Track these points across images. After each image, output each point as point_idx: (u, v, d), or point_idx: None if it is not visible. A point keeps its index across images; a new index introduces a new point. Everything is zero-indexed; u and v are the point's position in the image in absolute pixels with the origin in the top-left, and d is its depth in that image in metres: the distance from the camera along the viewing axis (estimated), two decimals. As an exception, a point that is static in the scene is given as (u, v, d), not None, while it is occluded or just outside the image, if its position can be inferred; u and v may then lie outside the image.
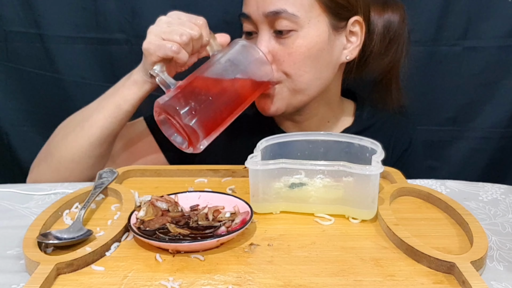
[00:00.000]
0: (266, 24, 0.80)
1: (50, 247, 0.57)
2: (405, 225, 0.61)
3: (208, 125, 0.71)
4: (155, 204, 0.64)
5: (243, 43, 0.80)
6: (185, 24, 0.75)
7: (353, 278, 0.53)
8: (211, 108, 0.72)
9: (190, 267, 0.54)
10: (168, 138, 0.73)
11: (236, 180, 0.77)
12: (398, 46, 0.90)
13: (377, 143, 0.68)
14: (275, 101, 0.84)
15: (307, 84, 0.82)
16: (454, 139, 1.15)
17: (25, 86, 1.13)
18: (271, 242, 0.60)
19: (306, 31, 0.79)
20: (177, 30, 0.74)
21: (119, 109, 0.81)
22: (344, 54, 0.85)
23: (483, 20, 1.05)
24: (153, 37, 0.75)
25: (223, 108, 0.74)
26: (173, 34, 0.74)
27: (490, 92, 1.11)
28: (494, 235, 0.63)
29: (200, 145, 0.72)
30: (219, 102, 0.74)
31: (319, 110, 0.90)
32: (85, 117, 0.83)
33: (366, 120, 0.94)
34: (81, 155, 0.82)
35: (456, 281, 0.52)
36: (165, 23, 0.76)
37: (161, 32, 0.75)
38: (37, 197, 0.72)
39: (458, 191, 0.75)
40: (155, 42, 0.74)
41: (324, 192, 0.66)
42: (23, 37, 1.09)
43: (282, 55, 0.80)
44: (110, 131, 0.82)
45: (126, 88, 0.81)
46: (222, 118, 0.74)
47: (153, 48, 0.74)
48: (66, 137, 0.84)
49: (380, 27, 0.87)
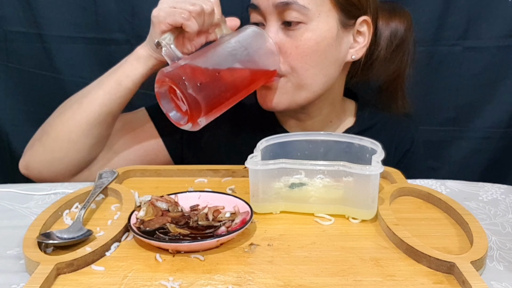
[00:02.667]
0: (275, 15, 0.79)
1: (50, 247, 0.57)
2: (405, 225, 0.61)
3: (211, 101, 0.71)
4: (155, 204, 0.64)
5: (254, 29, 0.80)
6: None
7: (353, 278, 0.53)
8: (216, 85, 0.71)
9: (190, 267, 0.54)
10: (166, 114, 0.72)
11: (236, 180, 0.77)
12: (404, 54, 0.90)
13: (377, 143, 0.68)
14: (277, 95, 0.82)
15: (312, 80, 0.81)
16: (454, 139, 1.15)
17: (25, 86, 1.13)
18: (271, 242, 0.60)
19: (316, 25, 0.79)
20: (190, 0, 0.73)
21: (119, 86, 0.79)
22: (350, 53, 0.85)
23: (483, 20, 1.06)
24: (164, 4, 0.74)
25: (228, 87, 0.73)
26: (185, 3, 0.73)
27: (490, 92, 1.11)
28: (494, 235, 0.63)
29: (200, 119, 0.71)
30: (224, 80, 0.73)
31: (323, 110, 0.90)
32: (84, 93, 0.81)
33: (367, 120, 0.94)
34: (78, 133, 0.80)
35: (456, 281, 0.52)
36: None
37: (173, 0, 0.74)
38: (37, 197, 0.72)
39: (458, 191, 0.75)
40: (166, 9, 0.73)
41: (324, 192, 0.66)
42: (23, 37, 1.09)
43: (290, 47, 0.79)
44: (109, 109, 0.80)
45: (128, 64, 0.79)
46: (225, 98, 0.73)
47: (163, 15, 0.73)
48: (63, 114, 0.82)
49: (387, 34, 0.87)
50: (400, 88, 0.94)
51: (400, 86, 0.94)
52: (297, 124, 0.92)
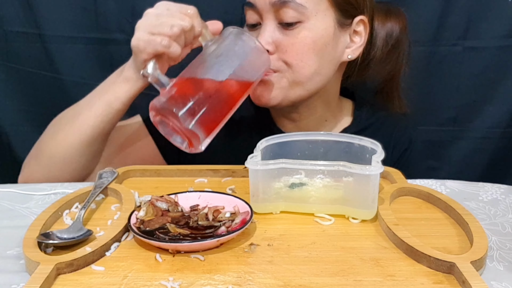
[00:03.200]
0: (272, 13, 0.79)
1: (50, 247, 0.57)
2: (405, 225, 0.61)
3: (208, 125, 0.70)
4: (155, 204, 0.64)
5: (237, 32, 0.76)
6: (175, 15, 0.71)
7: (353, 278, 0.53)
8: (210, 107, 0.69)
9: (190, 267, 0.54)
10: (167, 138, 0.72)
11: (236, 180, 0.77)
12: (399, 54, 0.90)
13: (377, 143, 0.68)
14: (271, 90, 0.82)
15: (307, 77, 0.81)
16: (454, 139, 1.15)
17: (25, 86, 1.13)
18: (271, 242, 0.60)
19: (313, 23, 0.79)
20: (167, 22, 0.70)
21: (110, 108, 0.78)
22: (347, 52, 0.85)
23: (483, 20, 1.06)
24: (142, 32, 0.71)
25: (222, 105, 0.72)
26: (163, 27, 0.70)
27: (490, 92, 1.11)
28: (494, 235, 0.63)
29: (201, 145, 0.70)
30: (217, 99, 0.71)
31: (317, 110, 0.90)
32: (75, 114, 0.81)
33: (365, 120, 0.94)
34: (72, 153, 0.80)
35: (456, 281, 0.52)
36: (154, 16, 0.72)
37: (149, 26, 0.71)
38: (37, 197, 0.72)
39: (458, 191, 0.75)
40: (144, 38, 0.71)
41: (324, 192, 0.66)
42: (23, 37, 1.09)
43: (286, 44, 0.79)
44: (101, 130, 0.79)
45: (117, 86, 0.78)
46: (222, 115, 0.72)
47: (143, 45, 0.71)
48: (56, 135, 0.82)
49: (382, 34, 0.88)
50: (395, 88, 0.94)
51: (396, 87, 0.94)
52: (292, 124, 0.92)
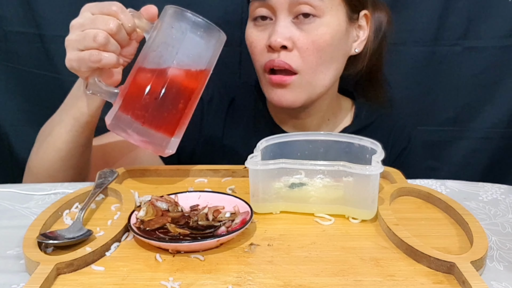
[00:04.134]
0: (287, 9, 0.78)
1: (50, 247, 0.57)
2: (405, 225, 0.61)
3: (167, 127, 0.66)
4: (155, 204, 0.64)
5: (171, 12, 0.67)
6: (97, 20, 0.66)
7: (353, 278, 0.53)
8: (162, 109, 0.65)
9: (190, 267, 0.54)
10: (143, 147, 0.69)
11: (236, 180, 0.77)
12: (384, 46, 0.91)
13: (377, 143, 0.68)
14: (294, 93, 0.82)
15: (324, 74, 0.81)
16: (454, 139, 1.16)
17: (25, 86, 1.13)
18: (271, 242, 0.60)
19: (329, 19, 0.79)
20: (89, 33, 0.65)
21: (78, 122, 0.76)
22: (354, 47, 0.85)
23: (483, 20, 1.06)
24: (70, 51, 0.67)
25: (176, 101, 0.66)
26: (87, 40, 0.65)
27: (490, 92, 1.11)
28: (494, 235, 0.63)
29: (168, 149, 0.67)
30: (169, 97, 0.66)
31: (322, 107, 0.90)
32: (50, 131, 0.80)
33: (364, 119, 0.94)
34: (55, 169, 0.79)
35: (456, 281, 0.52)
36: (78, 28, 0.67)
37: (75, 42, 0.67)
38: (37, 197, 0.72)
39: (458, 191, 0.75)
40: (74, 57, 0.67)
41: (324, 192, 0.66)
42: (23, 37, 1.09)
43: (306, 42, 0.78)
44: (75, 144, 0.78)
45: (80, 100, 0.75)
46: (179, 112, 0.67)
47: (76, 65, 0.67)
48: (38, 151, 0.82)
49: (373, 27, 0.88)
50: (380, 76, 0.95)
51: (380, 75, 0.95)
52: (294, 123, 0.92)
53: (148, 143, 0.67)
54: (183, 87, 0.67)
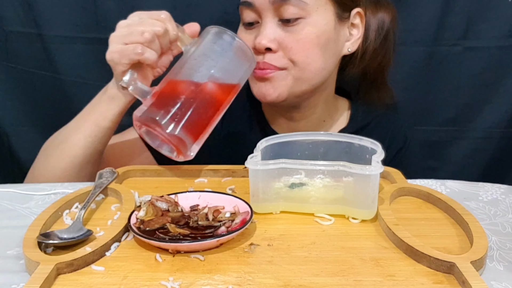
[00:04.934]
0: (272, 11, 0.78)
1: (50, 247, 0.57)
2: (405, 225, 0.61)
3: (193, 130, 0.68)
4: (155, 204, 0.64)
5: (215, 31, 0.74)
6: (145, 22, 0.71)
7: (353, 278, 0.53)
8: (193, 111, 0.68)
9: (190, 267, 0.54)
10: (157, 149, 0.70)
11: (236, 180, 0.77)
12: (389, 45, 0.90)
13: (377, 143, 0.68)
14: (277, 87, 0.81)
15: (313, 73, 0.81)
16: (454, 139, 1.16)
17: (25, 86, 1.13)
18: (271, 242, 0.60)
19: (315, 19, 0.78)
20: (137, 29, 0.70)
21: (98, 127, 0.77)
22: (346, 46, 0.85)
23: (483, 20, 1.06)
24: (114, 44, 0.71)
25: (206, 108, 0.70)
26: (134, 35, 0.69)
27: (490, 92, 1.11)
28: (494, 235, 0.63)
29: (190, 151, 0.69)
30: (200, 102, 0.69)
31: (317, 109, 0.90)
32: (64, 138, 0.80)
33: (361, 120, 0.94)
34: (66, 177, 0.78)
35: (456, 281, 0.52)
36: (125, 27, 0.71)
37: (121, 37, 0.70)
38: (37, 197, 0.72)
39: (458, 191, 0.75)
40: (117, 49, 0.70)
41: (324, 192, 0.66)
42: (23, 37, 1.09)
43: (290, 41, 0.79)
44: (92, 150, 0.78)
45: (103, 105, 0.77)
46: (207, 119, 0.70)
47: (117, 56, 0.70)
48: (47, 160, 0.81)
49: (374, 25, 0.88)
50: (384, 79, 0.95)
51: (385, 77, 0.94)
52: (288, 124, 0.92)
53: (171, 143, 0.67)
54: (216, 97, 0.71)
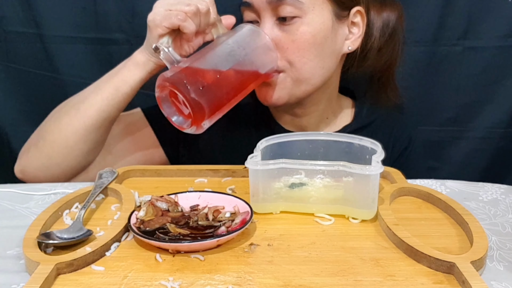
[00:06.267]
0: (269, 11, 0.79)
1: (50, 247, 0.57)
2: (405, 225, 0.61)
3: (213, 104, 0.70)
4: (155, 204, 0.64)
5: (250, 27, 0.79)
6: None
7: (353, 278, 0.53)
8: (218, 87, 0.71)
9: (190, 267, 0.54)
10: (168, 118, 0.71)
11: (236, 180, 0.77)
12: (395, 43, 0.90)
13: (377, 143, 0.68)
14: (277, 90, 0.82)
15: (310, 73, 0.82)
16: (454, 139, 1.15)
17: (25, 86, 1.13)
18: (271, 242, 0.60)
19: (311, 18, 0.79)
20: (184, 1, 0.73)
21: (117, 91, 0.78)
22: (346, 44, 0.85)
23: (483, 20, 1.06)
24: (159, 8, 0.74)
25: (229, 89, 0.73)
26: (180, 4, 0.73)
27: (490, 92, 1.11)
28: (494, 235, 0.63)
29: (204, 123, 0.70)
30: (225, 82, 0.73)
31: (319, 106, 0.90)
32: (81, 99, 0.81)
33: (365, 118, 0.94)
34: (76, 139, 0.79)
35: (456, 281, 0.52)
36: None
37: (167, 3, 0.73)
38: (37, 197, 0.72)
39: (458, 191, 0.75)
40: (161, 13, 0.73)
41: (324, 192, 0.66)
42: (23, 37, 1.09)
43: (286, 42, 0.79)
44: (107, 114, 0.79)
45: (126, 69, 0.78)
46: (227, 99, 0.73)
47: (159, 19, 0.73)
48: (59, 120, 0.81)
49: (379, 24, 0.88)
50: (391, 78, 0.94)
51: (392, 76, 0.94)
52: (293, 120, 0.92)
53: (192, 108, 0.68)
54: (240, 81, 0.75)
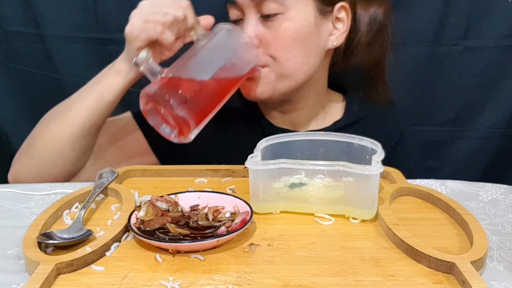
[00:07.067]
0: (253, 8, 0.80)
1: (50, 247, 0.57)
2: (405, 225, 0.61)
3: (198, 114, 0.70)
4: (155, 204, 0.64)
5: (228, 27, 0.79)
6: (168, 5, 0.73)
7: (353, 278, 0.53)
8: (201, 97, 0.71)
9: (190, 267, 0.54)
10: (155, 128, 0.71)
11: (236, 180, 0.77)
12: (383, 39, 0.90)
13: (377, 143, 0.68)
14: (260, 85, 0.83)
15: (294, 69, 0.82)
16: (454, 139, 1.16)
17: (25, 86, 1.13)
18: (271, 242, 0.60)
19: (294, 14, 0.79)
20: (160, 10, 0.72)
21: (101, 100, 0.78)
22: (331, 40, 0.85)
23: (483, 20, 1.06)
24: (136, 20, 0.73)
25: (213, 95, 0.73)
26: (157, 15, 0.72)
27: (490, 92, 1.11)
28: (494, 235, 0.63)
29: (191, 134, 0.70)
30: (208, 89, 0.72)
31: (308, 102, 0.90)
32: (67, 107, 0.81)
33: (356, 113, 0.93)
34: (64, 147, 0.80)
35: (456, 281, 0.52)
36: (148, 6, 0.74)
37: (144, 14, 0.73)
38: (37, 197, 0.72)
39: (458, 191, 0.75)
40: (138, 25, 0.72)
41: (324, 192, 0.66)
42: (23, 37, 1.09)
43: (270, 38, 0.80)
44: (92, 123, 0.80)
45: (109, 78, 0.79)
46: (212, 106, 0.73)
47: (137, 32, 0.73)
48: (47, 128, 0.82)
49: (366, 19, 0.87)
50: (381, 73, 0.94)
51: (381, 72, 0.94)
52: (283, 117, 0.92)
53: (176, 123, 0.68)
54: (222, 87, 0.74)
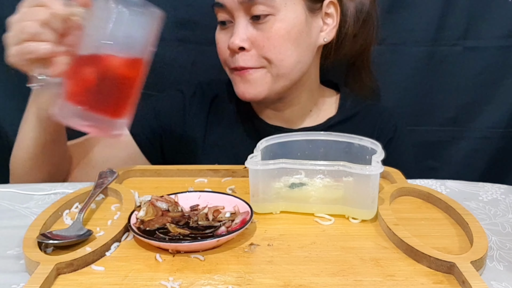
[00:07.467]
0: (242, 11, 0.80)
1: (50, 247, 0.57)
2: (405, 225, 0.61)
3: (108, 108, 0.66)
4: (155, 204, 0.64)
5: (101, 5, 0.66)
6: (28, 13, 0.67)
7: (353, 278, 0.53)
8: (106, 92, 0.66)
9: (190, 267, 0.54)
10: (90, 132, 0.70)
11: (236, 180, 0.77)
12: (370, 28, 0.91)
13: (377, 143, 0.68)
14: (256, 86, 0.83)
15: (289, 68, 0.82)
16: (454, 139, 1.15)
17: (25, 86, 1.13)
18: (271, 242, 0.60)
19: (284, 14, 0.79)
20: (21, 26, 0.66)
21: (39, 118, 0.77)
22: (322, 36, 0.85)
23: (483, 20, 1.06)
24: (9, 48, 0.68)
25: (121, 82, 0.67)
26: (19, 34, 0.66)
27: (490, 92, 1.11)
28: (494, 235, 0.63)
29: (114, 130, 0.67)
30: (104, 79, 0.66)
31: (300, 99, 0.91)
32: (19, 130, 0.81)
33: (350, 109, 0.94)
34: (27, 167, 0.81)
35: (456, 281, 0.52)
36: (13, 24, 0.68)
37: (12, 38, 0.67)
38: (37, 197, 0.72)
39: (458, 191, 0.75)
40: (14, 53, 0.67)
41: (324, 192, 0.66)
42: None
43: (262, 40, 0.80)
44: (42, 140, 0.78)
45: (38, 96, 0.76)
46: (127, 94, 0.68)
47: (16, 60, 0.67)
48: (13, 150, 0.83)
49: (352, 10, 0.88)
50: (366, 63, 0.95)
51: (366, 61, 0.95)
52: (275, 114, 0.93)
53: (94, 127, 0.67)
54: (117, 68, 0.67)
